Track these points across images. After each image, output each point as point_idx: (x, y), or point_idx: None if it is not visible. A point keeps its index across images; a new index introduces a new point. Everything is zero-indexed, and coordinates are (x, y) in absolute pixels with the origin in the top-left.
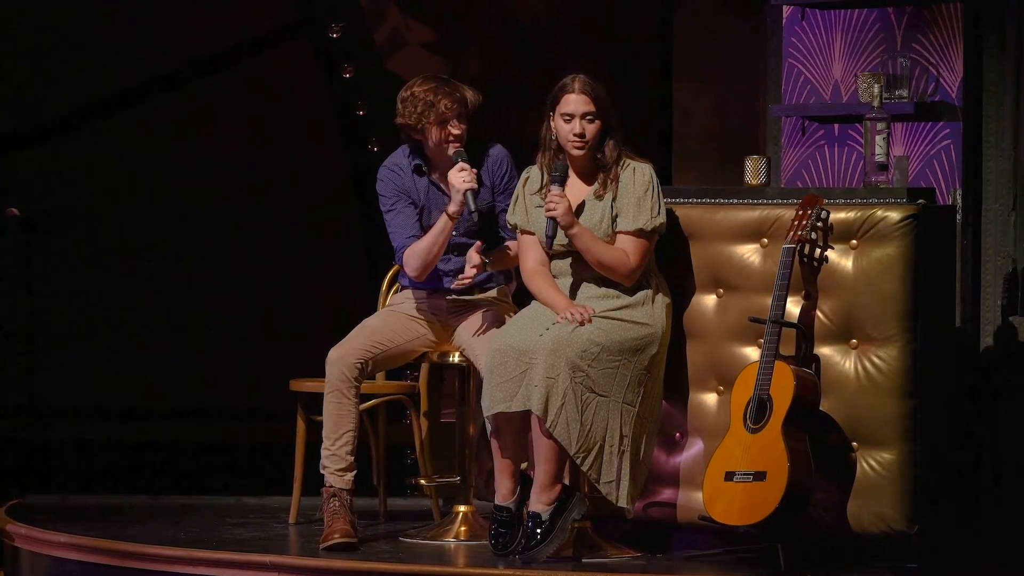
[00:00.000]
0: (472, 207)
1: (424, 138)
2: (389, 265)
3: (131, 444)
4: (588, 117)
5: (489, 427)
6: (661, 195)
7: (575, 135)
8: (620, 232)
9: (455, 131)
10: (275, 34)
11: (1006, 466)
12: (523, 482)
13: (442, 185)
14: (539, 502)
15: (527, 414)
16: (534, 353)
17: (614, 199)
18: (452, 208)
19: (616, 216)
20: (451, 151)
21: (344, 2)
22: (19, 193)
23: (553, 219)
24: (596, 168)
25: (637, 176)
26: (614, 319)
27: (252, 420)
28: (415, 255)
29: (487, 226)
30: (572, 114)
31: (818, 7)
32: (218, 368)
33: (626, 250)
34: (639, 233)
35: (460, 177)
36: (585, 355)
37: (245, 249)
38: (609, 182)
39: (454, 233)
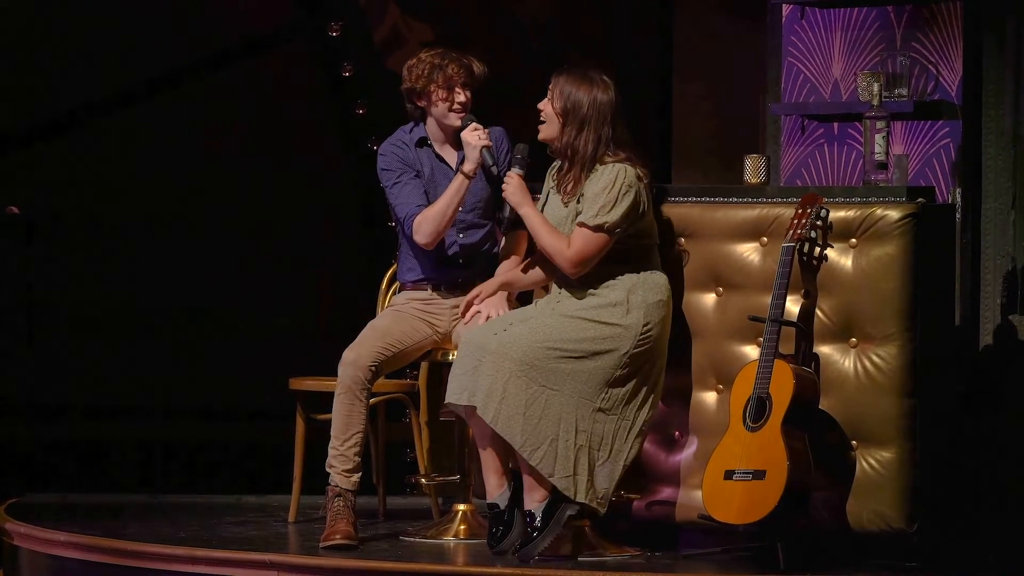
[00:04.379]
0: (490, 161)
1: (428, 104)
2: (388, 264)
3: (131, 443)
4: (547, 99)
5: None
6: (626, 197)
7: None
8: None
9: (460, 97)
10: (275, 34)
11: (1006, 464)
12: (517, 479)
13: (446, 157)
14: (531, 500)
15: None
16: (486, 350)
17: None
18: (468, 167)
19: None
20: (458, 117)
21: (343, 1)
22: (19, 193)
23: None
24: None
25: (605, 174)
26: (578, 317)
27: (251, 419)
28: (428, 220)
29: (494, 202)
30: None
31: (818, 6)
32: (218, 367)
33: (570, 240)
34: (582, 225)
35: (475, 135)
36: (532, 351)
37: (244, 248)
38: (582, 177)
39: (460, 210)
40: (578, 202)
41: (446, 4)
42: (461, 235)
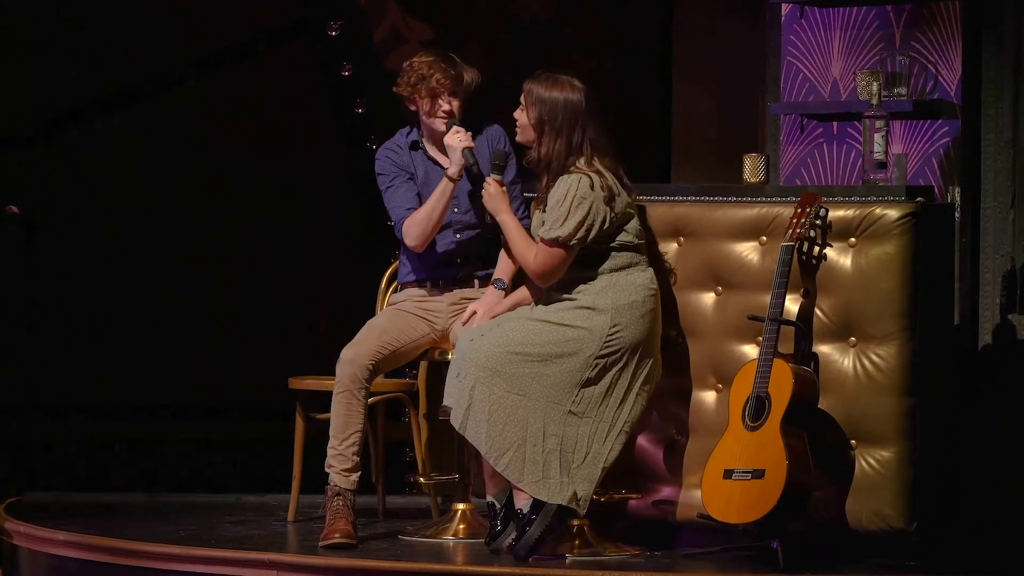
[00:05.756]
0: (471, 161)
1: (417, 109)
2: (388, 264)
3: (130, 442)
4: (521, 107)
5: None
6: (578, 209)
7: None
8: None
9: (445, 106)
10: (275, 34)
11: (1005, 464)
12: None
13: (439, 160)
14: (520, 499)
15: None
16: (462, 355)
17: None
18: (452, 170)
19: None
20: (444, 124)
21: (343, 1)
22: (19, 193)
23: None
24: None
25: (560, 186)
26: (543, 321)
27: (251, 418)
28: (415, 223)
29: (479, 207)
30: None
31: (817, 5)
32: (217, 366)
33: (535, 252)
34: (542, 240)
35: (456, 137)
36: (494, 357)
37: (244, 248)
38: (550, 185)
39: (455, 210)
40: (543, 211)
41: (446, 4)
42: (458, 235)
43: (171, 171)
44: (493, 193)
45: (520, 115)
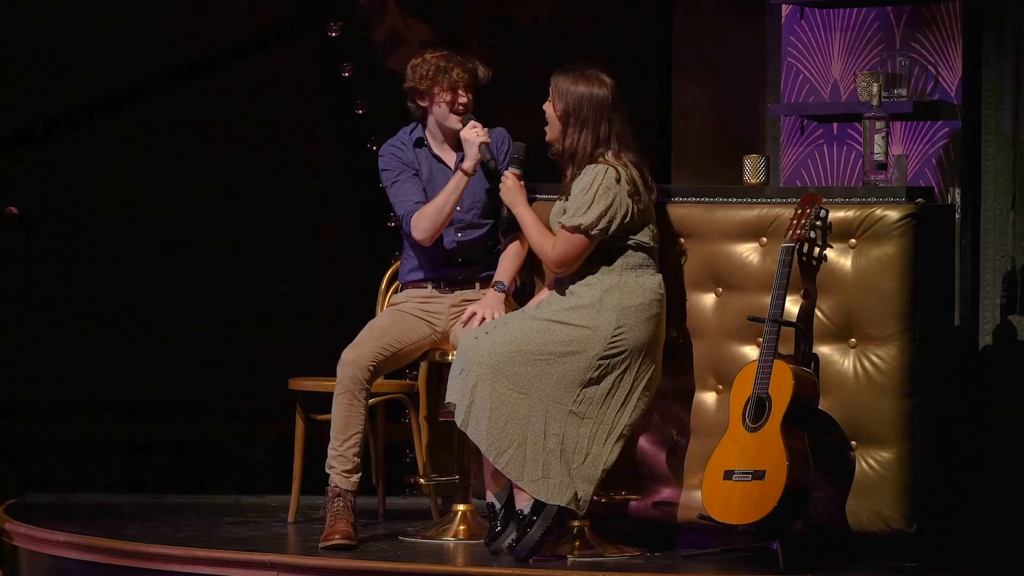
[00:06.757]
0: (488, 156)
1: (430, 103)
2: (388, 264)
3: (130, 443)
4: (549, 100)
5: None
6: (602, 198)
7: None
8: None
9: (463, 99)
10: (275, 34)
11: (1005, 464)
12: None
13: (444, 157)
14: (520, 500)
15: None
16: (464, 353)
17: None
18: (468, 164)
19: None
20: (459, 120)
21: (343, 1)
22: (19, 193)
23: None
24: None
25: (586, 175)
26: (548, 320)
27: (251, 419)
28: (426, 216)
29: (495, 202)
30: None
31: (817, 6)
32: (217, 367)
33: (555, 241)
34: (563, 227)
35: (473, 132)
36: (496, 355)
37: (244, 248)
38: (576, 175)
39: (457, 209)
40: (565, 200)
41: (446, 4)
42: (459, 234)
43: (171, 171)
44: (511, 186)
45: (548, 107)
